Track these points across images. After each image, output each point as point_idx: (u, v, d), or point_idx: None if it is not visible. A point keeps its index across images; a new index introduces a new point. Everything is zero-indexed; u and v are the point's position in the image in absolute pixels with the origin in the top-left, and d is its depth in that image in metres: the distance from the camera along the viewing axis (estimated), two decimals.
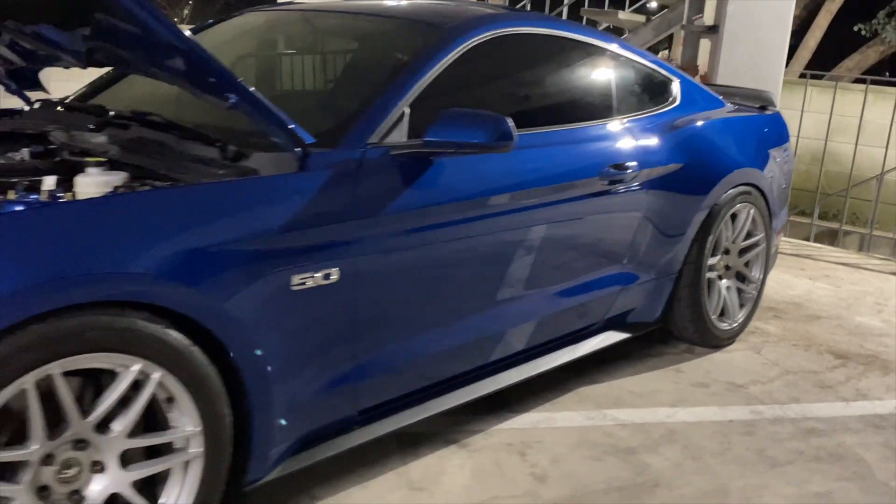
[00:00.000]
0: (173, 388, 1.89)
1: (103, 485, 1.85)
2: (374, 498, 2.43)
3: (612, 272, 3.19)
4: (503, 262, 2.70)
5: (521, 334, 2.87)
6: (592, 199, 2.98)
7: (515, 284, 2.77)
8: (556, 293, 2.95)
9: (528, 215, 2.73)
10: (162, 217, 1.88)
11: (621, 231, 3.17)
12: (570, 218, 2.92)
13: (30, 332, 1.65)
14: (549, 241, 2.86)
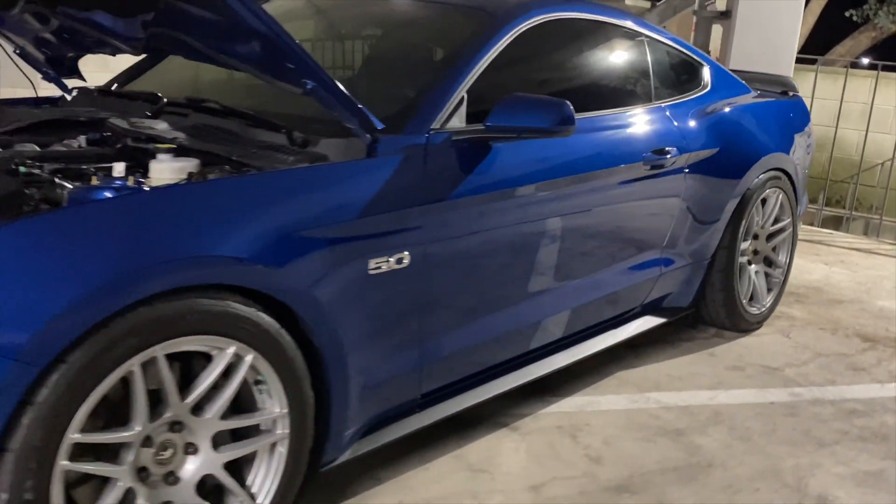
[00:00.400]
0: (263, 370, 1.91)
1: (196, 466, 1.87)
2: (437, 479, 2.45)
3: (652, 257, 3.22)
4: (554, 247, 2.72)
5: (569, 318, 2.90)
6: (635, 184, 3.01)
7: (566, 269, 2.80)
8: (603, 277, 2.98)
9: (577, 200, 2.75)
10: (252, 202, 1.89)
11: (661, 216, 3.20)
12: (615, 203, 2.94)
13: (137, 315, 1.66)
14: (597, 227, 2.89)
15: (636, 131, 3.05)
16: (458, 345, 2.48)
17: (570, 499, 2.40)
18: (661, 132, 3.15)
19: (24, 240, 1.61)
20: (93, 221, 1.69)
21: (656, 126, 3.16)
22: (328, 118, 2.26)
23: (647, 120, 3.14)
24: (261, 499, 1.97)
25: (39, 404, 1.56)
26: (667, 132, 3.17)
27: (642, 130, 3.08)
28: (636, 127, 3.07)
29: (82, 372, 1.60)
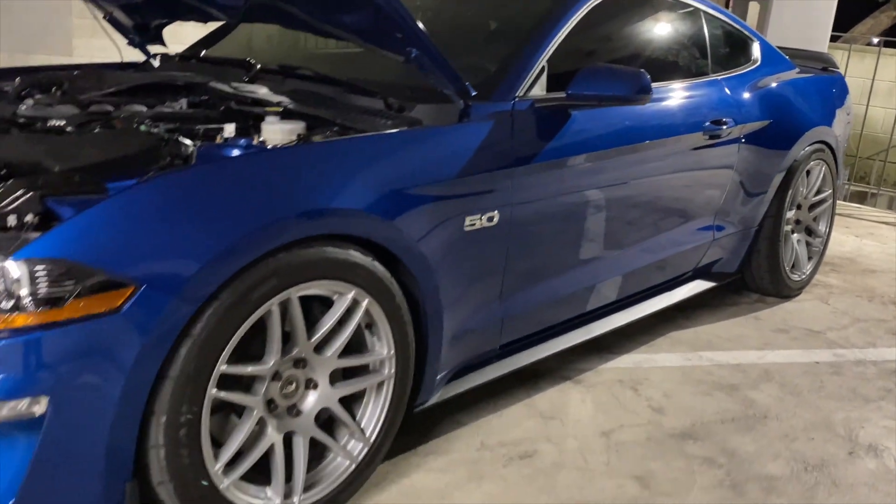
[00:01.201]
0: (375, 315, 2.08)
1: (315, 400, 2.05)
2: (512, 425, 2.63)
3: (706, 223, 3.38)
4: (622, 211, 2.89)
5: (631, 279, 3.07)
6: (696, 153, 3.16)
7: (631, 232, 2.97)
8: (663, 241, 3.15)
9: (644, 167, 2.91)
10: (370, 160, 2.06)
11: (716, 184, 3.36)
12: (677, 170, 3.10)
13: (277, 260, 1.84)
14: (660, 192, 3.05)
15: (697, 102, 3.20)
16: (533, 301, 2.65)
17: (639, 444, 2.58)
18: (719, 104, 3.30)
19: (185, 189, 1.78)
20: (244, 173, 1.86)
21: (714, 98, 3.30)
22: (411, 85, 2.43)
23: (706, 92, 3.28)
24: (368, 432, 2.16)
25: (195, 336, 1.74)
26: (724, 104, 3.32)
27: (703, 102, 3.23)
28: (697, 98, 3.21)
29: (232, 309, 1.78)
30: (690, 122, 3.10)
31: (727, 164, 3.36)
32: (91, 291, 1.62)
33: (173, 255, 1.71)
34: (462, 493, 2.27)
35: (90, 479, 1.70)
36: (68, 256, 1.61)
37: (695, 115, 3.14)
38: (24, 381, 1.59)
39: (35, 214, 1.69)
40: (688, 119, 3.10)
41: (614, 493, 2.32)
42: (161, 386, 1.72)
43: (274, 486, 1.99)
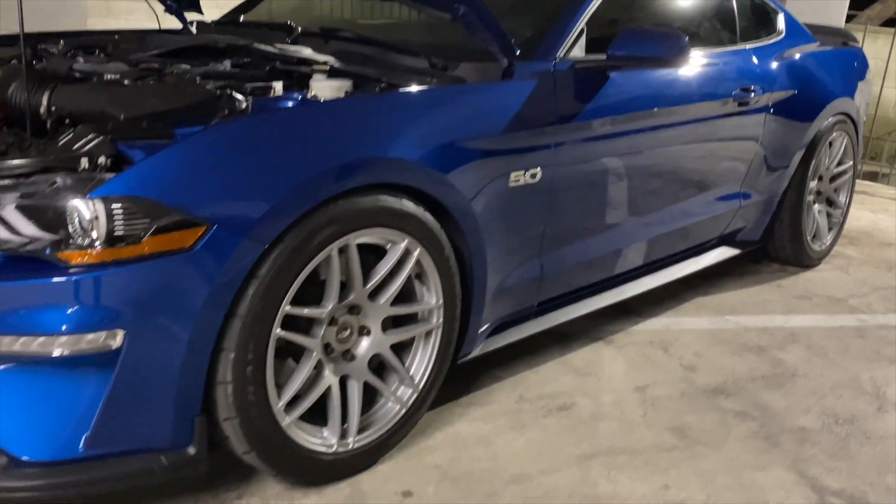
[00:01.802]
0: (425, 265, 2.14)
1: (368, 345, 2.12)
2: (548, 380, 2.70)
3: (734, 190, 3.43)
4: (657, 174, 2.94)
5: (663, 242, 3.12)
6: (726, 120, 3.21)
7: (665, 195, 3.02)
8: (694, 206, 3.20)
9: (678, 130, 2.96)
10: (423, 113, 2.12)
11: (744, 151, 3.41)
12: (708, 135, 3.15)
13: (338, 206, 1.90)
14: (692, 157, 3.11)
15: (727, 70, 3.25)
16: (570, 260, 2.71)
17: (673, 399, 2.65)
18: (748, 72, 3.34)
19: (255, 133, 1.83)
20: (309, 120, 1.92)
21: (743, 66, 3.35)
22: (450, 46, 2.47)
23: (735, 60, 3.33)
24: (417, 379, 2.22)
25: (262, 277, 1.80)
26: (752, 72, 3.36)
27: (732, 69, 3.28)
28: (728, 66, 3.26)
29: (295, 252, 1.84)
30: (721, 88, 3.15)
31: (754, 132, 3.41)
32: (165, 230, 1.68)
33: (243, 196, 1.77)
34: (505, 440, 2.34)
35: (161, 414, 1.77)
36: (143, 195, 1.67)
37: (725, 82, 3.19)
38: (101, 315, 1.65)
39: (107, 157, 1.75)
40: (718, 85, 3.15)
41: (653, 442, 2.39)
42: (230, 324, 1.79)
43: (330, 427, 2.05)
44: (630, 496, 2.13)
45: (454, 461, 2.22)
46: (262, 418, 1.87)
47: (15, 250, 1.66)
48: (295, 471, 2.00)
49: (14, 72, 2.19)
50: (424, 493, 2.08)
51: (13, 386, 1.69)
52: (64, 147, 1.78)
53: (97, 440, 1.71)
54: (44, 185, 1.70)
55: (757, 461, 2.33)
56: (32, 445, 1.70)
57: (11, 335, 1.64)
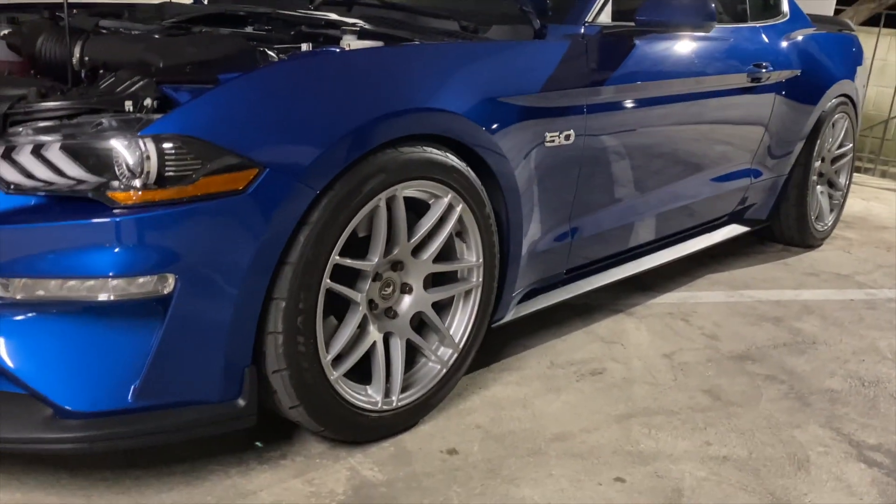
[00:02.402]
0: (467, 221, 2.12)
1: (410, 303, 2.09)
2: (576, 348, 2.69)
3: (747, 167, 3.45)
4: (679, 143, 2.96)
5: (683, 214, 3.13)
6: (741, 94, 3.23)
7: (686, 165, 3.03)
8: (713, 177, 3.22)
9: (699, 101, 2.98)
10: (467, 66, 2.11)
11: (755, 127, 3.43)
12: (725, 107, 3.17)
13: (385, 155, 1.88)
14: (711, 128, 3.13)
15: (742, 45, 3.28)
16: (597, 227, 2.70)
17: (701, 364, 2.64)
18: (759, 49, 3.37)
19: (309, 74, 1.81)
20: (361, 65, 1.90)
21: (755, 43, 3.38)
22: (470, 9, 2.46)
23: (748, 36, 3.36)
24: (457, 339, 2.19)
25: (312, 224, 1.76)
26: (763, 50, 3.39)
27: (746, 45, 3.31)
28: (742, 41, 3.29)
29: (345, 199, 1.81)
30: (737, 62, 3.18)
31: (765, 109, 3.43)
32: (218, 171, 1.64)
33: (295, 140, 1.74)
34: (542, 402, 2.32)
35: (211, 364, 1.72)
36: (196, 135, 1.63)
37: (740, 56, 3.22)
38: (151, 258, 1.60)
39: (153, 99, 1.70)
40: (735, 59, 3.17)
41: (687, 403, 2.38)
42: (281, 272, 1.75)
43: (375, 384, 2.02)
44: (673, 452, 2.12)
45: (495, 421, 2.19)
46: (312, 371, 1.83)
47: (60, 191, 1.61)
48: (341, 428, 1.96)
49: (38, 26, 2.13)
50: (469, 450, 2.05)
51: (60, 334, 1.63)
52: (107, 90, 1.73)
53: (146, 391, 1.66)
54: (88, 126, 1.66)
55: (792, 419, 2.33)
56: (79, 395, 1.64)
57: (59, 278, 1.59)
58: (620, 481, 1.98)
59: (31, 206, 1.60)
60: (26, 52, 2.07)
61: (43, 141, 1.62)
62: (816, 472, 2.08)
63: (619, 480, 1.98)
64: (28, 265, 1.58)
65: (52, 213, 1.60)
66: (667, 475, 2.01)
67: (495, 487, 1.91)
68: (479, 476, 1.95)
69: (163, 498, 1.78)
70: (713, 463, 2.08)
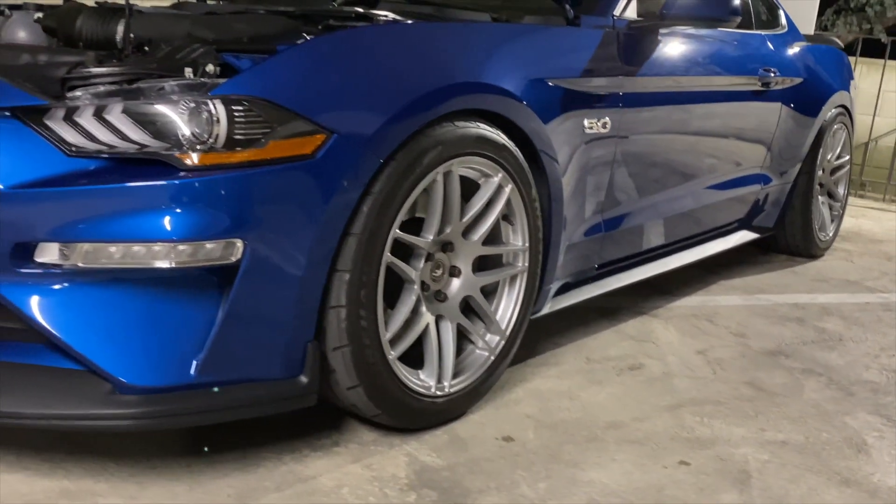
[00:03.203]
0: (514, 203, 2.07)
1: (459, 286, 2.02)
2: (609, 345, 2.64)
3: (758, 172, 3.48)
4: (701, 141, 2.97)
5: (704, 214, 3.14)
6: (752, 97, 3.26)
7: (707, 165, 3.04)
8: (730, 180, 3.23)
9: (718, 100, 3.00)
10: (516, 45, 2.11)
11: (765, 133, 3.45)
12: (740, 109, 3.20)
13: (443, 129, 1.83)
14: (727, 128, 3.15)
15: (752, 49, 3.32)
16: (625, 222, 2.67)
17: (736, 359, 2.61)
18: (766, 55, 3.41)
19: (374, 41, 1.79)
20: (423, 36, 1.89)
21: (762, 50, 3.42)
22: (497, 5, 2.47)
23: (756, 42, 3.41)
24: (504, 325, 2.13)
25: (375, 194, 1.71)
26: (770, 56, 3.44)
27: (755, 50, 3.35)
28: (752, 46, 3.34)
29: (406, 170, 1.76)
30: (750, 64, 3.21)
31: (773, 115, 3.47)
32: (287, 135, 1.59)
33: (362, 107, 1.69)
34: (587, 394, 2.26)
35: (276, 337, 1.65)
36: (266, 97, 1.57)
37: (751, 60, 3.26)
38: (219, 222, 1.53)
39: (215, 66, 1.65)
40: (748, 61, 3.21)
41: (732, 394, 2.34)
42: (345, 243, 1.68)
43: (427, 368, 1.94)
44: (730, 437, 2.07)
45: (544, 411, 2.13)
46: (373, 348, 1.76)
47: (123, 154, 1.54)
48: (397, 412, 1.88)
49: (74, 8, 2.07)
50: (525, 438, 1.98)
51: (122, 305, 1.54)
52: (166, 56, 1.67)
53: (210, 365, 1.58)
54: (150, 90, 1.59)
55: (839, 408, 2.30)
56: (140, 370, 1.55)
57: (122, 242, 1.51)
58: (685, 464, 1.92)
59: (94, 169, 1.53)
60: (63, 34, 2.00)
61: (105, 103, 1.55)
62: (877, 454, 2.04)
63: (684, 463, 1.92)
64: (90, 229, 1.50)
65: (116, 175, 1.52)
66: (729, 458, 1.96)
67: (560, 471, 1.84)
68: (540, 461, 1.88)
69: (219, 484, 1.68)
70: (773, 447, 2.04)
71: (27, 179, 1.50)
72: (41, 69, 1.62)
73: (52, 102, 1.54)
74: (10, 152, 1.51)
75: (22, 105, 1.53)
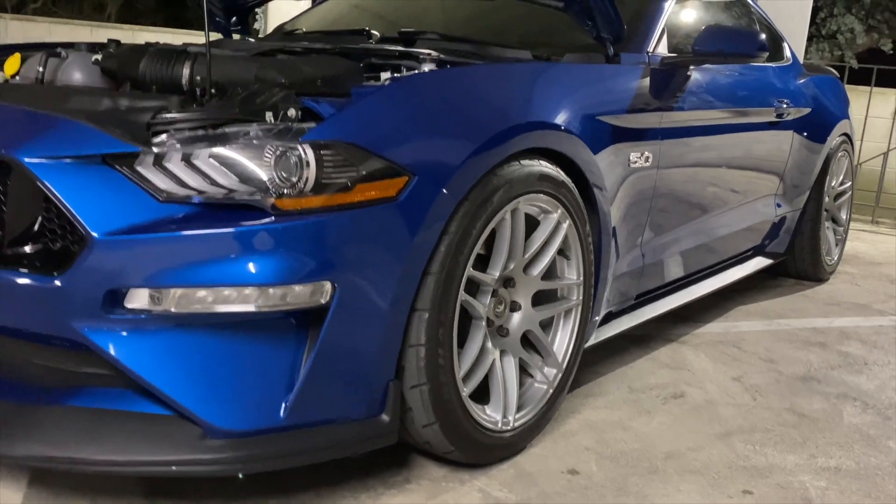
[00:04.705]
0: (570, 239, 2.11)
1: (519, 321, 2.06)
2: (647, 374, 2.68)
3: (773, 199, 3.56)
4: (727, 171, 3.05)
5: (729, 242, 3.21)
6: (769, 127, 3.35)
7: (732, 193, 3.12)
8: (751, 208, 3.30)
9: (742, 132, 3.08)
10: (571, 86, 2.15)
11: (780, 161, 3.54)
12: (759, 140, 3.28)
13: (511, 168, 1.88)
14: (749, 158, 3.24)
15: (767, 82, 3.41)
16: (662, 254, 2.73)
17: (772, 385, 2.67)
18: (779, 87, 3.51)
19: (451, 84, 1.84)
20: (492, 78, 1.92)
21: (775, 81, 3.52)
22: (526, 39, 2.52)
23: (769, 75, 3.50)
24: (560, 358, 2.16)
25: (451, 234, 1.74)
26: (782, 88, 3.53)
27: (770, 82, 3.45)
28: (765, 79, 3.42)
29: (479, 209, 1.79)
30: (767, 96, 3.31)
31: (786, 144, 3.56)
32: (372, 178, 1.61)
33: (440, 148, 1.73)
34: (638, 424, 2.29)
35: (360, 377, 1.67)
36: (353, 141, 1.60)
37: (768, 92, 3.35)
38: (309, 265, 1.56)
39: (296, 110, 1.67)
40: (764, 93, 3.30)
41: (776, 420, 2.39)
42: (424, 282, 1.71)
43: (494, 403, 1.97)
44: (785, 465, 2.11)
45: (601, 443, 2.16)
46: (449, 386, 1.78)
47: (213, 199, 1.56)
48: (469, 448, 1.89)
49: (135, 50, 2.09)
50: (590, 470, 2.01)
51: (212, 348, 1.55)
52: (247, 100, 1.69)
53: (299, 407, 1.59)
54: (236, 135, 1.61)
55: (882, 433, 2.36)
56: (231, 413, 1.55)
57: (214, 287, 1.52)
58: (748, 493, 1.96)
59: (184, 215, 1.54)
60: (124, 76, 2.01)
61: (193, 149, 1.57)
62: None
63: (748, 493, 1.96)
64: (181, 275, 1.51)
65: (206, 220, 1.53)
66: (789, 486, 2.01)
67: None
68: (610, 494, 1.90)
69: None
70: (828, 474, 2.09)
71: (120, 226, 1.50)
72: (125, 114, 1.63)
73: (143, 149, 1.55)
74: (102, 199, 1.52)
75: (113, 151, 1.54)
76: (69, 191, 1.51)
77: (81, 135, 1.55)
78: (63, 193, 1.51)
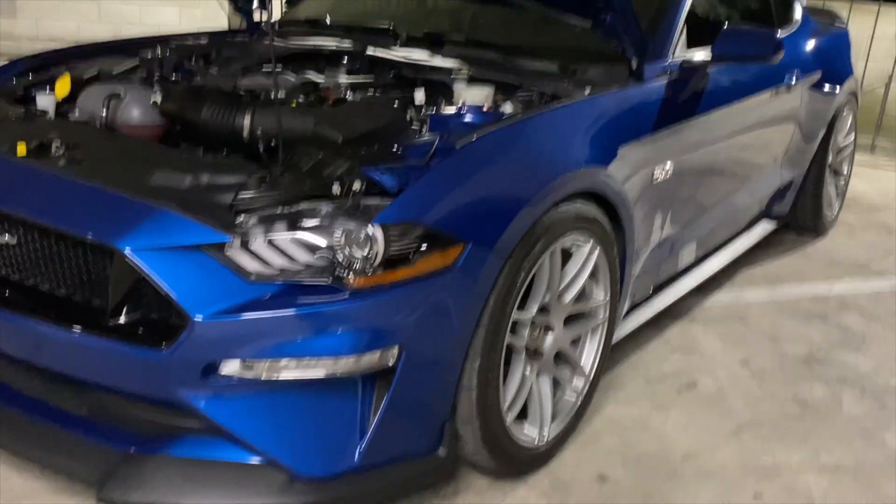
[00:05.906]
0: (599, 263, 2.27)
1: (552, 342, 2.23)
2: (659, 359, 2.89)
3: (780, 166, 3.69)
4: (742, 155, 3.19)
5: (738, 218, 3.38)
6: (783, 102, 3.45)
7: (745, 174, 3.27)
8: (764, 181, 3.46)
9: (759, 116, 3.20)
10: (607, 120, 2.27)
11: (787, 130, 3.65)
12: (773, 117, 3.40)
13: (554, 212, 2.03)
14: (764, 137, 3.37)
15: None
16: (679, 246, 2.89)
17: (776, 370, 2.89)
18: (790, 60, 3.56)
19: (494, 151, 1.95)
20: (533, 134, 2.04)
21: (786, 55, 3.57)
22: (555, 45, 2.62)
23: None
24: (587, 370, 2.36)
25: (499, 287, 1.90)
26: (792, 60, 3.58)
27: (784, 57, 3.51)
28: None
29: (522, 260, 1.95)
30: (780, 74, 3.39)
31: (795, 112, 3.66)
32: (432, 250, 1.76)
33: (489, 214, 1.87)
34: (656, 421, 2.52)
35: (422, 421, 1.87)
36: (415, 219, 1.75)
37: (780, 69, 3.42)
38: (380, 335, 1.73)
39: (361, 182, 1.80)
40: (779, 72, 3.38)
41: (781, 411, 2.62)
42: (476, 333, 1.88)
43: (531, 421, 2.18)
44: (791, 463, 2.35)
45: (625, 445, 2.38)
46: (496, 420, 1.99)
47: (293, 278, 1.71)
48: (510, 465, 2.12)
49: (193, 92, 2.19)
50: (616, 475, 2.24)
51: (296, 406, 1.74)
52: (315, 174, 1.82)
53: (371, 450, 1.80)
54: (311, 213, 1.74)
55: (877, 424, 2.59)
56: (314, 460, 1.77)
57: (297, 358, 1.69)
58: (758, 498, 2.20)
59: (270, 295, 1.69)
60: (185, 121, 2.12)
61: (274, 231, 1.71)
62: None
63: (758, 497, 2.20)
64: (269, 349, 1.68)
65: (289, 297, 1.69)
66: (795, 488, 2.25)
67: None
68: (638, 502, 2.14)
69: None
70: (829, 473, 2.33)
71: (217, 309, 1.66)
72: (208, 195, 1.76)
73: (233, 236, 1.70)
74: (198, 282, 1.68)
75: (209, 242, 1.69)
76: (168, 276, 1.67)
77: (178, 225, 1.69)
78: (163, 279, 1.66)
